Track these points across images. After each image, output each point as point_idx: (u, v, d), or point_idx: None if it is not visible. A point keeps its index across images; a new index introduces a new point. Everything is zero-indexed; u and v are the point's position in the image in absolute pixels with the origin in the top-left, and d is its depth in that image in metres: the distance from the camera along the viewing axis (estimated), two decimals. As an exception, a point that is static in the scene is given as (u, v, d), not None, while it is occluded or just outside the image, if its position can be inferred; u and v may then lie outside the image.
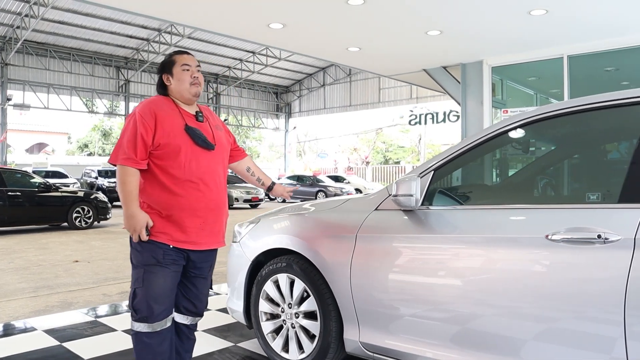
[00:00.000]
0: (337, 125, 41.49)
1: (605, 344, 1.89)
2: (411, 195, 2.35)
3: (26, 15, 22.69)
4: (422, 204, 2.47)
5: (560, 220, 2.05)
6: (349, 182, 27.27)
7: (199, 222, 2.45)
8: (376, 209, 2.65)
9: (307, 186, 24.27)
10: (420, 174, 2.50)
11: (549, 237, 2.02)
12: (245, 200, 19.65)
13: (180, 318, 2.59)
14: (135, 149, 2.36)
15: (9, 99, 25.27)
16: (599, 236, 1.90)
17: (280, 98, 38.99)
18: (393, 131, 44.37)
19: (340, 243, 2.69)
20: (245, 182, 22.25)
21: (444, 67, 9.23)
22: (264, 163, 49.07)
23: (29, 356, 3.28)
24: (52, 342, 3.56)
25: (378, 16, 6.90)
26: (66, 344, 3.49)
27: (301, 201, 4.24)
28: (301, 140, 46.83)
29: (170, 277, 2.45)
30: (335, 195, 21.88)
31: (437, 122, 26.31)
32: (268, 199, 24.39)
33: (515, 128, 2.35)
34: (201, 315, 2.66)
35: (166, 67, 2.56)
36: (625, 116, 2.18)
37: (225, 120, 35.52)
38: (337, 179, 27.97)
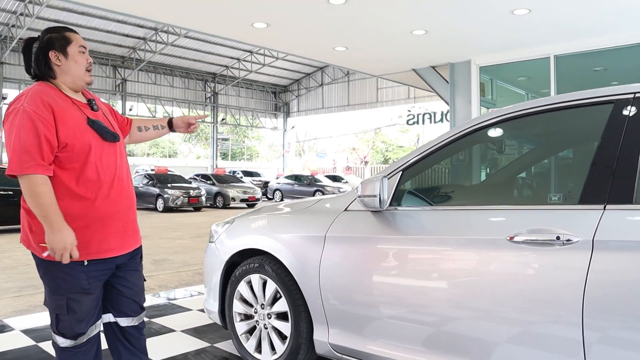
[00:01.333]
0: (336, 125, 41.48)
1: (565, 345, 1.88)
2: (375, 196, 2.33)
3: (21, 14, 22.68)
4: (390, 205, 2.46)
5: (522, 221, 2.04)
6: (347, 182, 27.28)
7: (121, 224, 2.22)
8: (345, 210, 2.64)
9: (305, 186, 24.29)
10: (388, 174, 2.48)
11: (512, 238, 2.01)
12: (242, 200, 19.64)
13: (126, 322, 2.38)
14: (41, 152, 1.99)
15: (4, 98, 25.21)
16: (558, 238, 1.89)
17: (279, 97, 38.98)
18: (392, 131, 44.37)
19: (310, 244, 2.68)
20: (242, 182, 22.32)
21: (433, 67, 9.25)
22: (264, 163, 49.07)
23: (3, 356, 3.27)
24: (29, 341, 3.55)
25: (361, 15, 6.90)
26: (41, 344, 3.48)
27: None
28: (300, 140, 46.82)
29: (97, 296, 2.23)
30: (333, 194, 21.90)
31: (435, 122, 26.31)
32: (265, 199, 24.40)
33: (478, 129, 2.34)
34: (144, 310, 2.45)
35: (56, 43, 2.14)
36: (585, 117, 2.17)
37: (222, 119, 35.54)
38: (335, 178, 27.99)
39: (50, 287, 2.17)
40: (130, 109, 30.23)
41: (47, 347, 3.43)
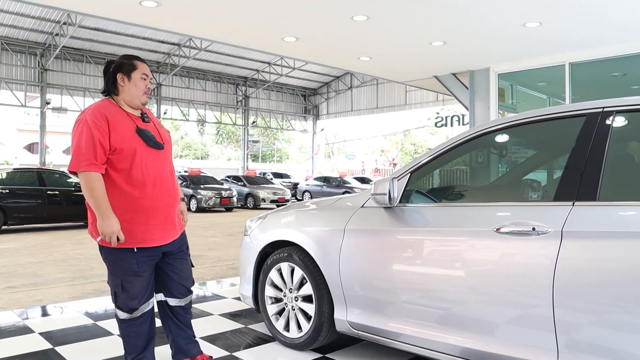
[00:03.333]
0: (365, 127, 41.83)
1: (540, 319, 2.25)
2: (385, 194, 2.75)
3: (64, 23, 23.82)
4: (400, 202, 2.87)
5: (507, 215, 2.43)
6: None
7: (162, 218, 2.63)
8: (362, 206, 3.06)
9: (334, 187, 24.72)
10: (398, 176, 2.89)
11: (498, 230, 2.40)
12: (272, 201, 20.18)
13: (174, 302, 2.84)
14: (95, 153, 2.44)
15: (47, 103, 26.46)
16: (534, 229, 2.28)
17: (308, 100, 39.52)
18: (422, 133, 44.44)
19: (332, 236, 3.11)
20: (272, 184, 22.83)
21: (454, 74, 9.61)
22: (293, 164, 49.71)
23: (69, 332, 3.80)
24: (88, 321, 4.08)
25: (382, 29, 7.37)
26: (99, 323, 4.01)
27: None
28: (330, 142, 47.30)
29: (146, 278, 2.66)
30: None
31: (464, 124, 26.27)
32: (295, 200, 24.91)
33: (474, 138, 2.73)
34: (192, 292, 2.91)
35: (124, 68, 2.62)
36: (563, 128, 2.55)
37: (253, 122, 36.27)
38: (363, 180, 28.32)
39: (110, 269, 2.67)
40: (165, 113, 31.21)
41: (104, 324, 3.96)
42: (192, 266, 2.98)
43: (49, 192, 11.24)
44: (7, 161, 32.78)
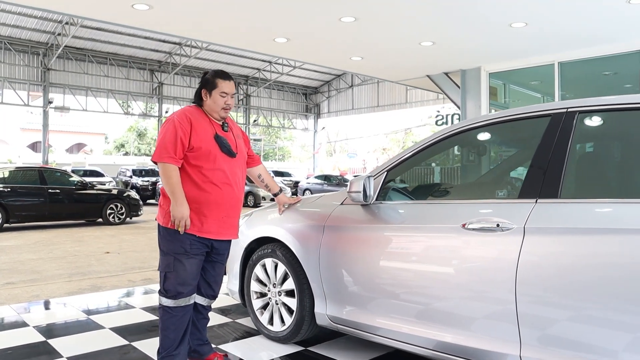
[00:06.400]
0: (367, 125, 41.91)
1: (504, 311, 2.35)
2: (360, 192, 2.86)
3: (67, 23, 24.00)
4: (377, 200, 2.97)
5: (474, 212, 2.53)
6: (375, 182, 27.61)
7: (222, 215, 2.90)
8: (341, 204, 3.17)
9: (334, 185, 24.79)
10: (375, 175, 3.00)
11: (465, 226, 2.50)
12: (272, 200, 20.30)
13: (199, 299, 3.04)
14: (175, 149, 2.78)
15: (50, 102, 26.66)
16: (498, 225, 2.38)
17: (309, 99, 39.64)
18: (424, 131, 44.47)
19: (312, 232, 3.22)
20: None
21: (446, 73, 9.72)
22: (295, 163, 49.83)
23: (63, 326, 3.93)
24: (82, 315, 4.20)
25: (371, 30, 7.49)
26: (93, 317, 4.13)
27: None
28: (332, 140, 47.38)
29: (196, 264, 2.88)
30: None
31: (464, 122, 26.51)
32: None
33: (446, 138, 2.83)
34: (216, 297, 3.13)
35: (208, 85, 2.92)
36: (530, 127, 2.64)
37: (255, 121, 36.40)
38: (363, 178, 28.35)
39: (163, 249, 2.90)
40: (167, 111, 31.38)
41: (97, 318, 4.08)
42: (225, 273, 3.24)
43: (50, 190, 11.37)
44: (10, 160, 33.02)
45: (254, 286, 3.65)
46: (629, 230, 2.06)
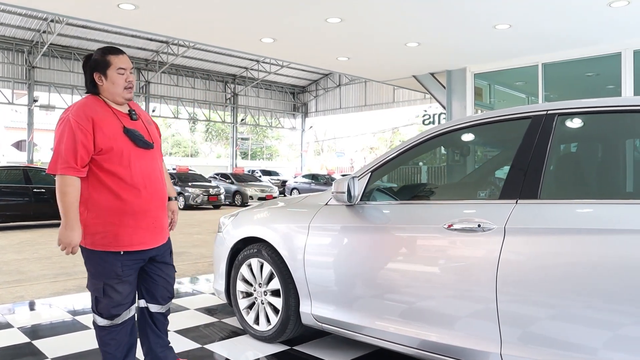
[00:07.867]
0: (354, 125, 42.01)
1: (485, 309, 2.39)
2: (344, 193, 2.88)
3: (52, 21, 23.74)
4: (361, 200, 3.00)
5: (457, 213, 2.56)
6: (362, 181, 27.71)
7: (151, 221, 2.52)
8: (326, 204, 3.20)
9: (322, 184, 24.87)
10: (359, 175, 3.03)
11: (450, 226, 2.54)
12: (260, 198, 20.31)
13: (156, 308, 2.70)
14: (75, 156, 2.31)
15: (35, 100, 26.36)
16: (479, 225, 2.42)
17: (297, 98, 39.61)
18: (411, 130, 44.68)
19: (297, 233, 3.24)
20: (260, 181, 22.93)
21: (432, 74, 9.83)
22: (283, 162, 49.81)
23: (48, 327, 3.91)
24: (67, 316, 4.19)
25: (357, 31, 7.56)
26: (78, 318, 4.12)
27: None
28: (320, 139, 47.41)
29: (130, 283, 2.52)
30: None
31: (451, 121, 26.70)
32: (283, 197, 24.99)
33: (431, 138, 2.87)
34: (172, 297, 2.79)
35: (99, 66, 2.46)
36: (511, 129, 2.69)
37: (242, 120, 36.29)
38: (351, 177, 28.44)
39: (91, 272, 2.51)
40: (154, 110, 31.17)
41: (82, 319, 4.07)
42: (175, 271, 2.88)
43: (35, 190, 11.26)
44: (-6, 159, 32.58)
45: (240, 286, 3.67)
46: (607, 231, 2.11)
